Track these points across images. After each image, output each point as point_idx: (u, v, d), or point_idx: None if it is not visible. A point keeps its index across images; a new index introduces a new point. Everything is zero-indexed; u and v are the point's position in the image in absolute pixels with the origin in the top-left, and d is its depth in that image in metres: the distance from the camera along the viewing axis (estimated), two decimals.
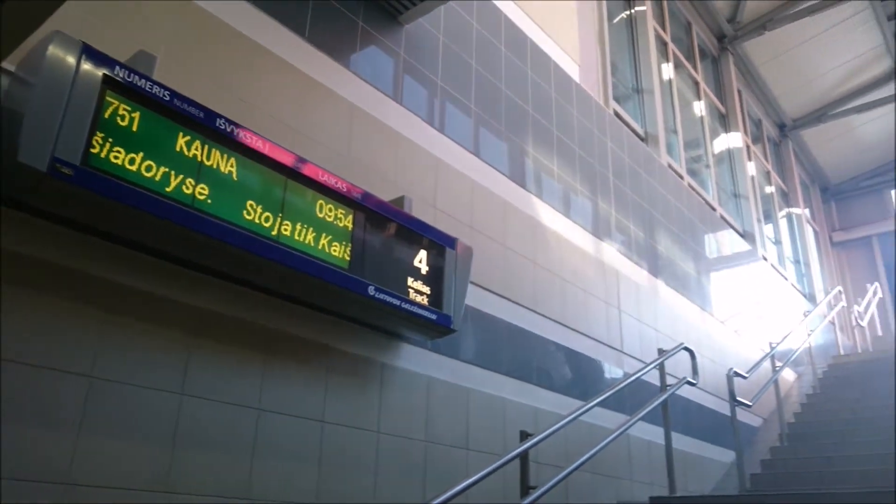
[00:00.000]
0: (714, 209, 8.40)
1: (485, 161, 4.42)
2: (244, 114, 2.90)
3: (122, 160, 2.18)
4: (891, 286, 13.61)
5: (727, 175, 9.65)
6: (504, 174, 4.55)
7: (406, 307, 3.04)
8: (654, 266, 6.17)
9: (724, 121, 9.90)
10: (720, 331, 7.18)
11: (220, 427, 2.58)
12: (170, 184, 2.28)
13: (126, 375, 2.35)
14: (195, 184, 2.35)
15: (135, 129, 2.23)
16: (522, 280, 4.43)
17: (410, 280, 3.15)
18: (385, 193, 3.39)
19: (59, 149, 2.02)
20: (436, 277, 3.28)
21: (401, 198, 3.37)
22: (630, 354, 5.34)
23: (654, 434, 5.03)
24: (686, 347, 4.84)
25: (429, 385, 3.53)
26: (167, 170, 2.29)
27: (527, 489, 3.15)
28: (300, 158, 2.78)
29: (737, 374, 5.17)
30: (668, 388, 4.53)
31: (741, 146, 9.90)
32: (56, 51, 2.07)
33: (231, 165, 2.50)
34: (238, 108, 2.90)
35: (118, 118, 2.20)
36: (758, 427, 7.23)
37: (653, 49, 7.72)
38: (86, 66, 2.13)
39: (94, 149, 2.12)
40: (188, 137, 2.39)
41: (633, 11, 7.83)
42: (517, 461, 3.19)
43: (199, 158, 2.41)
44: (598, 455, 3.80)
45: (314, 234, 2.73)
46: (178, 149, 2.35)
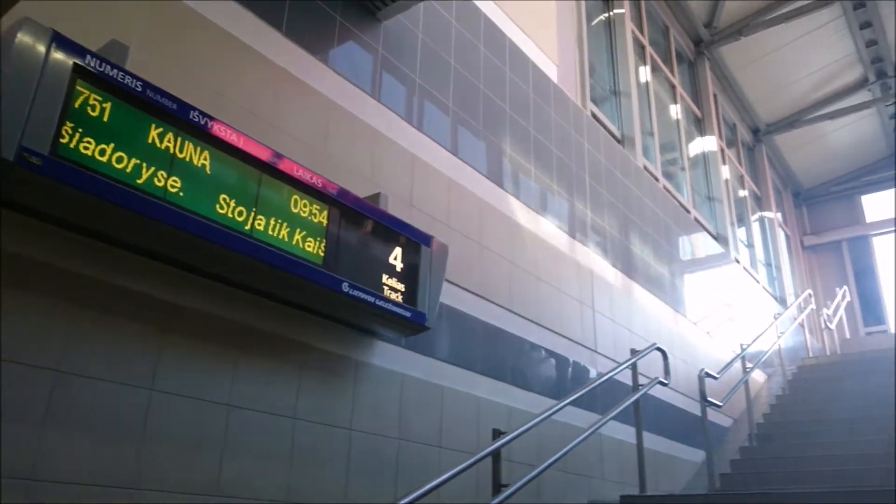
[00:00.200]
0: (688, 212, 8.49)
1: (462, 160, 4.42)
2: (218, 107, 2.87)
3: (93, 151, 2.15)
4: (859, 290, 13.87)
5: (702, 178, 9.76)
6: (481, 173, 4.56)
7: (380, 304, 3.03)
8: (629, 267, 6.22)
9: (700, 124, 10.02)
10: (692, 332, 7.26)
11: (190, 423, 2.55)
12: (141, 176, 2.25)
13: (94, 370, 2.31)
14: (167, 176, 2.32)
15: (106, 120, 2.20)
16: (498, 279, 4.44)
17: (385, 277, 3.14)
18: (361, 190, 3.38)
19: (28, 138, 1.98)
20: (411, 275, 3.27)
21: (377, 194, 3.36)
22: (603, 354, 5.38)
23: (626, 433, 5.07)
24: (658, 348, 4.88)
25: (402, 383, 3.52)
26: (138, 161, 2.26)
27: (498, 487, 3.15)
28: (275, 153, 2.76)
29: (708, 375, 5.23)
30: (641, 388, 4.57)
31: (716, 150, 10.02)
32: (25, 38, 2.03)
33: (204, 159, 2.47)
34: (212, 101, 2.87)
35: (89, 108, 2.16)
36: (728, 427, 7.33)
37: (630, 52, 7.78)
38: (56, 55, 2.09)
39: (64, 139, 2.09)
40: (160, 129, 2.35)
41: (612, 14, 7.89)
42: (489, 459, 3.20)
43: (172, 151, 2.38)
44: (571, 454, 3.83)
45: (288, 230, 2.71)
46: (150, 140, 2.32)
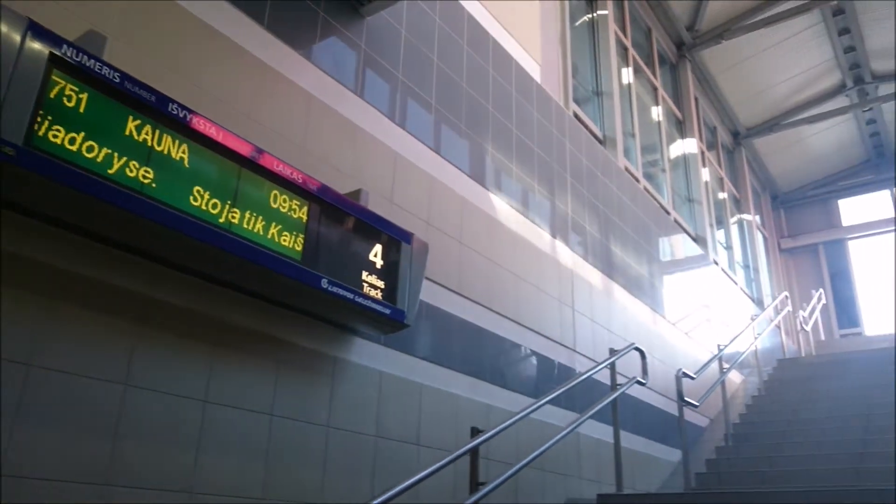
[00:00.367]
0: (668, 213, 8.56)
1: (444, 157, 4.41)
2: (198, 99, 2.84)
3: (68, 142, 2.11)
4: (835, 293, 14.07)
5: (682, 180, 9.84)
6: (463, 171, 4.56)
7: (359, 301, 3.02)
8: (609, 267, 6.26)
9: (681, 127, 10.10)
10: (671, 332, 7.32)
11: (165, 419, 2.53)
12: (112, 166, 2.22)
13: (67, 364, 2.28)
14: (139, 167, 2.29)
15: (82, 111, 2.17)
16: (478, 277, 4.44)
17: (365, 274, 3.13)
18: (342, 186, 3.36)
19: (1, 128, 1.95)
20: (391, 272, 3.26)
21: (357, 191, 3.35)
22: (582, 353, 5.41)
23: (604, 432, 5.10)
24: (637, 348, 4.92)
25: (381, 380, 3.51)
26: (112, 152, 2.22)
27: (476, 485, 3.16)
28: (255, 148, 2.73)
29: (685, 375, 5.27)
30: (619, 388, 4.60)
31: (696, 152, 10.11)
32: (0, 26, 1.99)
33: (183, 152, 2.44)
34: (192, 94, 2.84)
35: (65, 99, 2.13)
36: (704, 427, 7.40)
37: (613, 53, 7.82)
38: (31, 44, 2.06)
39: (38, 129, 2.05)
40: (138, 122, 2.32)
41: (595, 15, 7.93)
42: (467, 457, 3.20)
43: (150, 143, 2.35)
44: (548, 453, 3.84)
45: (266, 224, 2.69)
46: (128, 133, 2.29)
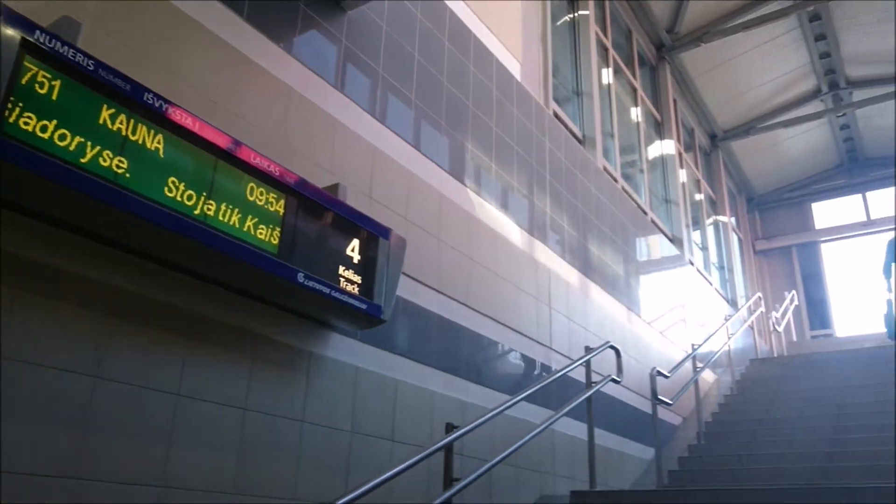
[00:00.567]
0: (645, 213, 8.63)
1: (424, 154, 4.41)
2: (175, 90, 2.81)
3: (40, 129, 2.08)
4: (807, 295, 14.29)
5: (659, 181, 9.93)
6: (442, 168, 4.56)
7: (336, 295, 3.00)
8: (586, 266, 6.30)
9: (659, 128, 10.19)
10: (646, 331, 7.39)
11: (136, 412, 2.49)
12: (85, 155, 2.18)
13: (33, 355, 2.24)
14: (113, 156, 2.25)
15: (54, 98, 2.13)
16: (455, 274, 4.44)
17: (342, 269, 3.12)
18: (320, 180, 3.34)
19: None
20: (368, 267, 3.25)
21: (335, 185, 3.33)
22: (558, 351, 5.44)
23: (578, 430, 5.14)
24: (612, 346, 4.95)
25: (356, 375, 3.50)
26: (85, 141, 2.19)
27: (450, 481, 3.16)
28: (232, 139, 2.71)
29: (659, 374, 5.32)
30: (594, 385, 4.63)
31: (674, 153, 10.20)
32: None
33: (158, 142, 2.41)
34: (168, 84, 2.80)
35: (37, 85, 2.09)
36: (678, 425, 7.48)
37: (594, 53, 7.86)
38: (3, 29, 2.02)
39: (9, 116, 2.02)
40: (113, 110, 2.29)
41: (577, 15, 7.96)
42: (442, 453, 3.20)
43: (124, 133, 2.31)
44: (523, 449, 3.86)
45: (241, 217, 2.66)
46: (102, 121, 2.26)
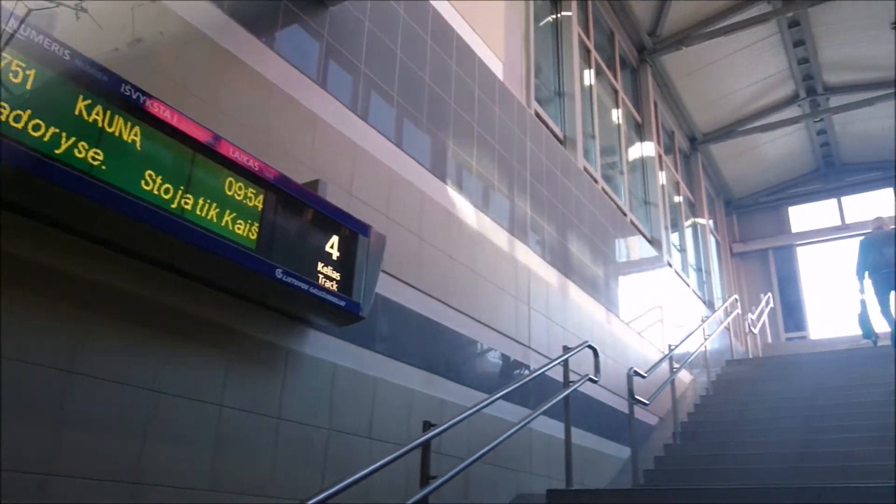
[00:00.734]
0: (625, 214, 8.69)
1: (405, 151, 4.40)
2: (153, 82, 2.77)
3: (13, 119, 2.04)
4: (782, 297, 14.48)
5: (639, 182, 10.00)
6: (424, 166, 4.55)
7: (314, 292, 2.99)
8: (566, 266, 6.33)
9: (640, 130, 10.26)
10: (624, 331, 7.44)
11: (110, 408, 2.46)
12: (60, 146, 2.15)
13: (6, 350, 2.20)
14: (88, 148, 2.22)
15: (29, 87, 2.09)
16: (435, 272, 4.44)
17: (321, 265, 3.10)
18: (301, 176, 3.32)
19: None
20: (347, 264, 3.24)
21: (316, 181, 3.31)
22: (537, 350, 5.46)
23: (555, 429, 5.16)
24: (590, 345, 4.98)
25: (334, 372, 3.49)
26: (60, 132, 2.15)
27: (427, 479, 3.16)
28: (211, 134, 2.68)
29: (636, 374, 5.35)
30: (571, 385, 4.65)
31: (654, 156, 10.28)
32: None
33: (135, 134, 2.38)
34: (147, 76, 2.76)
35: (11, 74, 2.05)
36: (654, 425, 7.54)
37: (576, 54, 7.90)
38: None
39: None
40: (89, 101, 2.26)
41: (560, 16, 7.99)
42: (419, 451, 3.20)
43: (101, 124, 2.28)
44: (500, 448, 3.86)
45: (219, 212, 2.64)
46: (78, 112, 2.22)
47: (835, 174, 14.39)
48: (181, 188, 2.51)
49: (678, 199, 11.74)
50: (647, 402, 5.49)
